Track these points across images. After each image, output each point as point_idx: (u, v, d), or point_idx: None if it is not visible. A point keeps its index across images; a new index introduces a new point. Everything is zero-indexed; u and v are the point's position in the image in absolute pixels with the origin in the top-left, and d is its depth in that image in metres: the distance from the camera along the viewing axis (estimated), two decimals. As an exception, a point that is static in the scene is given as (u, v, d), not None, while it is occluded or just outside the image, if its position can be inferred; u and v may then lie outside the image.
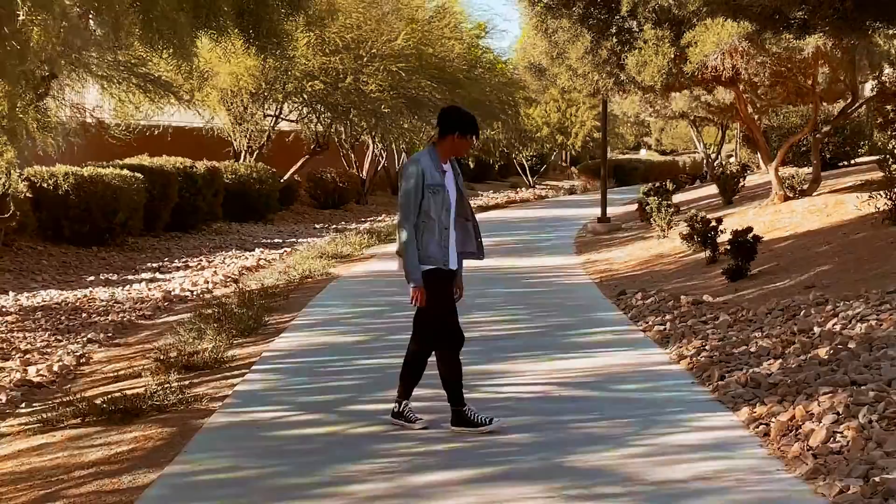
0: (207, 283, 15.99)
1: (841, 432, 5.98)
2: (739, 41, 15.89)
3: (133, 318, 13.00)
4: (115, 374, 9.45)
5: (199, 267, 18.44)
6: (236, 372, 9.07)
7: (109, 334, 11.80)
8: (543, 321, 11.17)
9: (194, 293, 15.03)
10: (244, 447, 6.69)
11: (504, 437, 6.65)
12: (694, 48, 16.66)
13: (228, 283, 15.99)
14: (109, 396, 7.99)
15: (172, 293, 14.95)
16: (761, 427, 6.49)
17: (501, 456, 6.26)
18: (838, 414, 6.23)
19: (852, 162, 30.36)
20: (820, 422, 6.20)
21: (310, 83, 27.69)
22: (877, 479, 5.20)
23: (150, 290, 15.33)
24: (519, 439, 6.61)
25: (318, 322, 11.65)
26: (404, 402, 7.11)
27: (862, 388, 6.54)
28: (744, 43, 16.13)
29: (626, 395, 7.69)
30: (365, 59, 27.57)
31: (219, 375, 9.00)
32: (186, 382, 8.68)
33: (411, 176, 6.92)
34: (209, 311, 12.11)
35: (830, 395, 6.55)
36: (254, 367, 9.20)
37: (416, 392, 7.92)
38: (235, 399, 8.05)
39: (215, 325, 11.02)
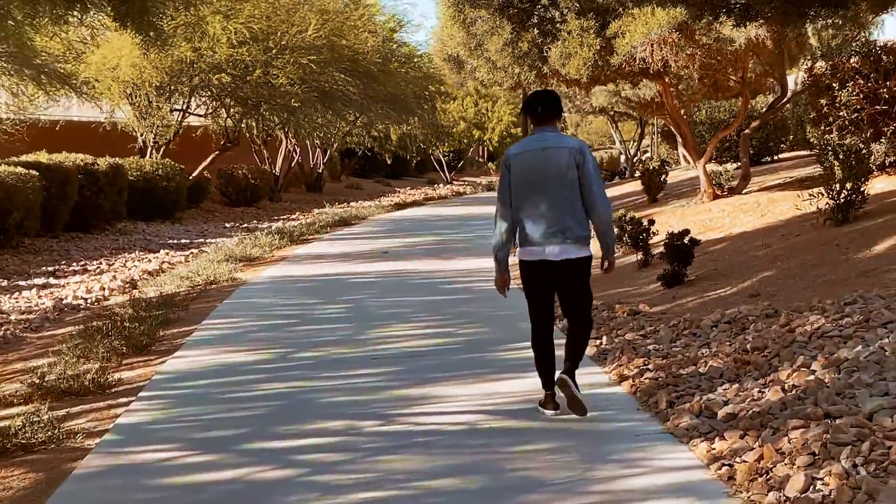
0: (104, 289, 14.82)
1: (821, 479, 5.11)
2: (670, 31, 15.14)
3: (18, 330, 11.84)
4: (-16, 401, 8.31)
5: (97, 271, 17.24)
6: (122, 399, 7.99)
7: (-14, 351, 10.67)
8: (468, 335, 10.18)
9: (89, 301, 13.88)
10: (121, 500, 5.63)
11: (428, 483, 5.66)
12: (621, 39, 15.87)
13: (127, 290, 14.84)
14: (-32, 433, 6.88)
15: (64, 301, 13.78)
16: (724, 469, 5.59)
17: (428, 510, 5.30)
18: (814, 455, 5.36)
19: (775, 158, 30.01)
20: (794, 464, 5.33)
21: (217, 76, 26.53)
22: (875, 543, 4.35)
23: (40, 297, 14.15)
24: (446, 486, 5.63)
25: (219, 337, 10.57)
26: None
27: (838, 421, 5.67)
28: (674, 34, 15.39)
29: (566, 424, 6.75)
30: (274, 50, 26.46)
31: (101, 404, 7.91)
32: (63, 412, 7.59)
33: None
34: (99, 323, 10.99)
35: (802, 430, 5.69)
36: (141, 394, 8.11)
37: (326, 425, 7.01)
38: (116, 435, 6.95)
39: (104, 342, 9.91)
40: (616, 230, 14.23)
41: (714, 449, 5.91)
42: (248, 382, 8.44)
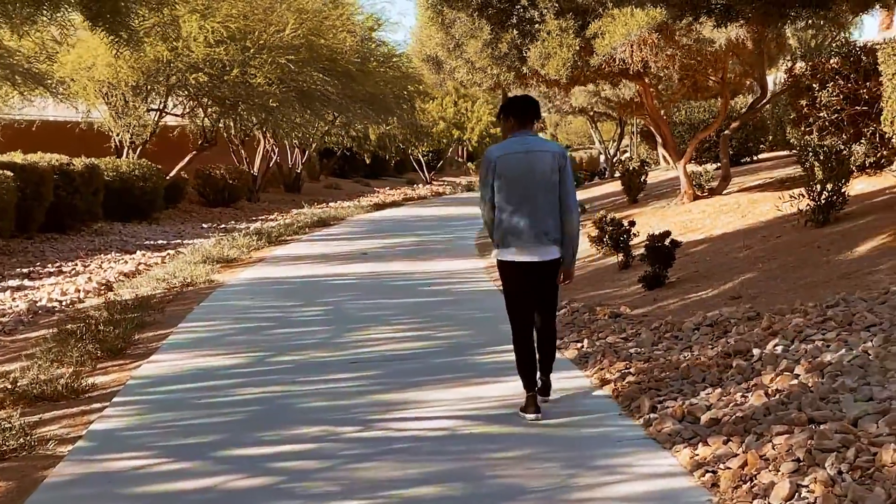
0: (79, 291, 14.64)
1: (807, 486, 5.02)
2: (650, 32, 15.07)
3: (-10, 334, 11.67)
4: (-44, 407, 8.15)
5: (73, 273, 17.04)
6: (95, 405, 7.85)
7: (-41, 355, 10.49)
8: (448, 338, 10.09)
9: (63, 303, 13.70)
10: (93, 510, 5.51)
11: (408, 491, 5.56)
12: (601, 39, 15.79)
13: (102, 292, 14.67)
14: (-62, 441, 6.74)
15: (39, 304, 13.58)
16: (708, 475, 5.51)
17: (407, 519, 5.19)
18: (799, 461, 5.28)
19: (755, 158, 30.02)
20: (778, 471, 5.25)
21: (194, 76, 26.34)
22: (863, 552, 4.27)
23: (14, 299, 13.96)
24: (427, 493, 5.53)
25: (196, 340, 10.43)
26: None
27: (822, 427, 5.60)
28: (654, 35, 15.33)
29: (547, 430, 6.66)
30: (252, 50, 26.28)
31: (75, 409, 7.77)
32: (36, 418, 7.45)
33: None
34: (73, 326, 10.83)
35: (786, 436, 5.61)
36: (115, 400, 7.96)
37: (305, 431, 6.90)
38: (89, 442, 6.81)
39: (78, 345, 9.76)
40: (596, 231, 14.17)
41: (697, 455, 5.83)
42: (226, 387, 8.32)
